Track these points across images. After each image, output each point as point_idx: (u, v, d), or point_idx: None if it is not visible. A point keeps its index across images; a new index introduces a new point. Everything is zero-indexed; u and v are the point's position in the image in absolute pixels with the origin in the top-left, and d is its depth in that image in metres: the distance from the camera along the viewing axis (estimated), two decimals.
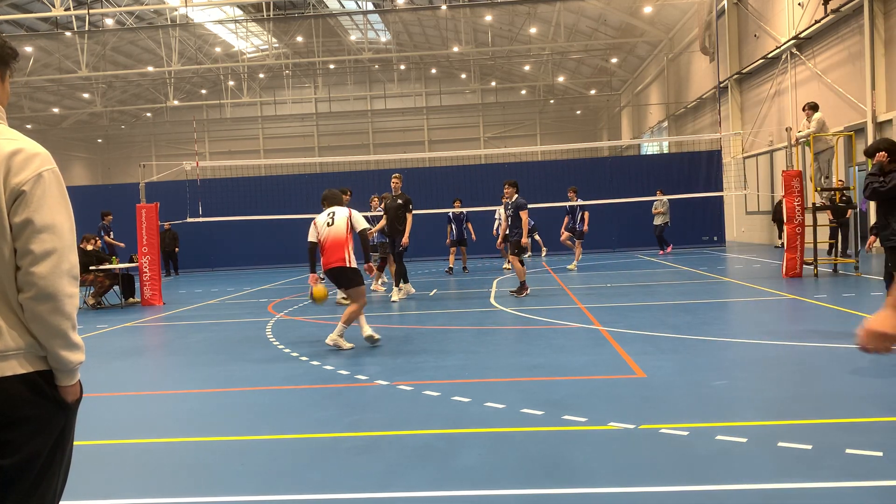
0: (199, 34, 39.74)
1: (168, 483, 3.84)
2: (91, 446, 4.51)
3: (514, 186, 11.77)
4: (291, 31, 40.56)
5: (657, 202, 20.02)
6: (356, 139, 49.47)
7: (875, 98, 16.38)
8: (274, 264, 23.02)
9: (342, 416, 4.88)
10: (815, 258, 12.49)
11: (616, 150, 42.83)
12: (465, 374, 6.04)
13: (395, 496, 3.45)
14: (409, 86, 49.22)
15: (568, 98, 47.62)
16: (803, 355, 6.18)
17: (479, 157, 30.43)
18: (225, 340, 8.40)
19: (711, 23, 26.05)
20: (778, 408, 4.64)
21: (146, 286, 13.11)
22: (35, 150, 1.97)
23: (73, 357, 1.98)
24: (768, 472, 3.49)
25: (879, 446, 3.77)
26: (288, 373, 6.46)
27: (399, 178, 12.23)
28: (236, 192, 22.42)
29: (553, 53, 39.99)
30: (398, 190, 12.12)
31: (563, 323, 8.52)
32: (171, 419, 5.18)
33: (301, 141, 50.19)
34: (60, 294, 1.93)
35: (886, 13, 16.11)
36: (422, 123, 50.33)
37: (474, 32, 38.85)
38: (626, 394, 5.09)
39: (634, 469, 3.63)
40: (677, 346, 6.77)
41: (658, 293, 11.27)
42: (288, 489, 3.60)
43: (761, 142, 23.32)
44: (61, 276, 1.93)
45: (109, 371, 7.01)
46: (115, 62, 39.65)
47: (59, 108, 44.95)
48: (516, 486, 3.48)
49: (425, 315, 10.09)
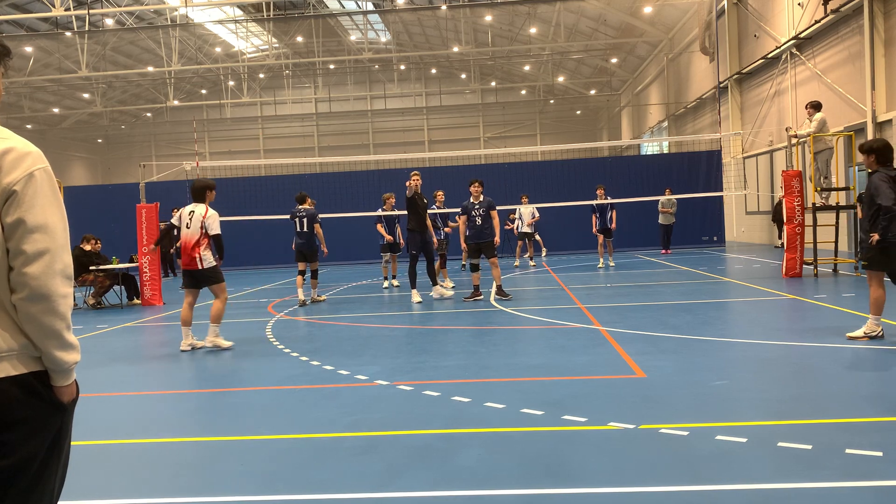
0: (199, 34, 39.74)
1: (168, 483, 3.84)
2: (91, 446, 4.51)
3: (481, 185, 11.42)
4: (291, 31, 40.56)
5: (665, 200, 20.00)
6: (356, 139, 49.47)
7: (875, 98, 16.38)
8: (274, 264, 23.03)
9: (342, 416, 4.88)
10: (815, 258, 12.49)
11: (616, 150, 42.83)
12: (465, 374, 6.04)
13: (395, 496, 3.45)
14: (409, 86, 49.22)
15: (568, 98, 47.62)
16: (803, 355, 6.18)
17: (479, 157, 30.44)
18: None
19: (711, 23, 26.05)
20: (778, 408, 4.64)
21: (146, 286, 13.12)
22: (26, 149, 1.94)
23: (68, 357, 1.97)
24: (768, 472, 3.49)
25: (879, 446, 3.77)
26: (288, 373, 6.46)
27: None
28: (236, 192, 22.43)
29: (553, 53, 40.00)
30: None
31: (563, 323, 8.52)
32: (171, 419, 5.18)
33: (301, 141, 50.18)
34: (54, 294, 1.91)
35: (886, 13, 16.11)
36: (422, 123, 50.33)
37: (474, 32, 38.85)
38: (625, 394, 5.09)
39: (634, 469, 3.63)
40: (677, 346, 6.77)
41: (658, 293, 11.27)
42: (288, 489, 3.60)
43: (761, 142, 23.32)
44: (54, 276, 1.91)
45: (110, 371, 7.02)
46: (115, 62, 39.65)
47: (59, 108, 44.94)
48: (516, 486, 3.48)
49: (425, 315, 10.09)
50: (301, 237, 12.14)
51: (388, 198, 14.23)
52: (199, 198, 8.02)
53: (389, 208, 14.16)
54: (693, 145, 26.57)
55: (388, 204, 14.17)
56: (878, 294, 6.68)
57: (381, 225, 14.00)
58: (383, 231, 13.93)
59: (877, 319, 6.65)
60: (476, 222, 11.26)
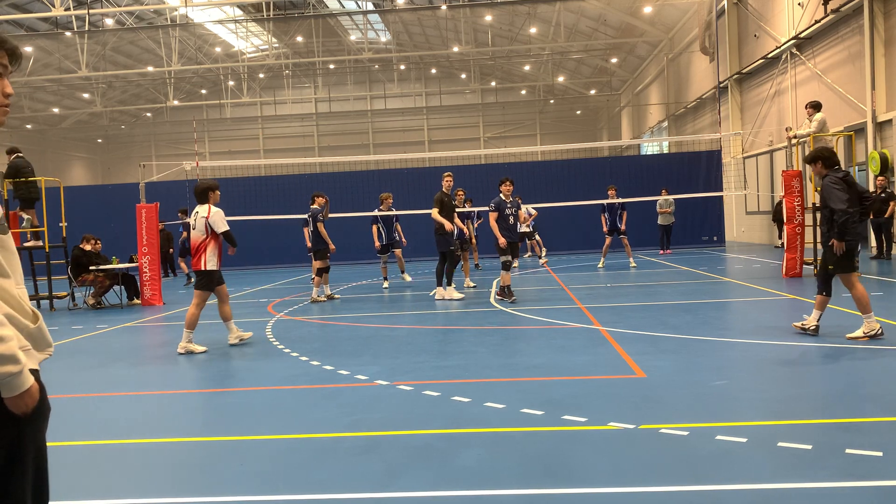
0: (199, 34, 39.74)
1: (168, 483, 3.84)
2: (91, 446, 4.51)
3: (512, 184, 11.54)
4: (291, 31, 40.57)
5: (662, 201, 19.99)
6: (356, 139, 49.48)
7: (875, 98, 16.38)
8: (274, 264, 23.04)
9: (342, 416, 4.88)
10: (815, 258, 12.47)
11: (616, 150, 42.83)
12: (465, 374, 6.04)
13: (395, 496, 3.44)
14: (409, 86, 49.23)
15: (568, 98, 47.62)
16: (803, 355, 6.18)
17: (479, 157, 30.44)
18: (224, 340, 8.39)
19: (711, 23, 26.05)
20: (778, 408, 4.64)
21: (146, 286, 13.11)
22: None
23: (2, 370, 1.84)
24: (768, 472, 3.49)
25: (879, 446, 3.77)
26: (288, 373, 6.45)
27: (450, 177, 12.18)
28: (236, 192, 22.42)
29: (553, 53, 40.00)
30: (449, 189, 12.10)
31: (563, 323, 8.52)
32: (171, 419, 5.18)
33: (301, 141, 50.20)
34: None
35: (886, 13, 16.11)
36: (422, 123, 50.33)
37: (474, 32, 38.85)
38: (625, 394, 5.09)
39: (634, 469, 3.63)
40: (677, 346, 6.77)
41: (658, 293, 11.27)
42: (288, 489, 3.60)
43: (761, 142, 23.32)
44: None
45: (109, 371, 7.02)
46: (115, 62, 39.65)
47: (59, 108, 44.94)
48: (516, 486, 3.48)
49: (425, 315, 10.09)
50: (311, 236, 12.97)
51: (385, 198, 14.28)
52: (203, 199, 8.11)
53: (387, 208, 14.20)
54: (693, 145, 26.57)
55: (386, 204, 14.23)
56: (860, 292, 6.71)
57: (378, 226, 14.06)
58: (376, 236, 14.03)
59: (869, 316, 6.66)
60: (509, 220, 11.33)
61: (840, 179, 6.68)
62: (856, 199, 6.72)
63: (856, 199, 6.72)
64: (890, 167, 16.05)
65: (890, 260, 14.87)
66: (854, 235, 6.64)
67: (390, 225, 14.18)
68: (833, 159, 6.88)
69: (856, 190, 6.80)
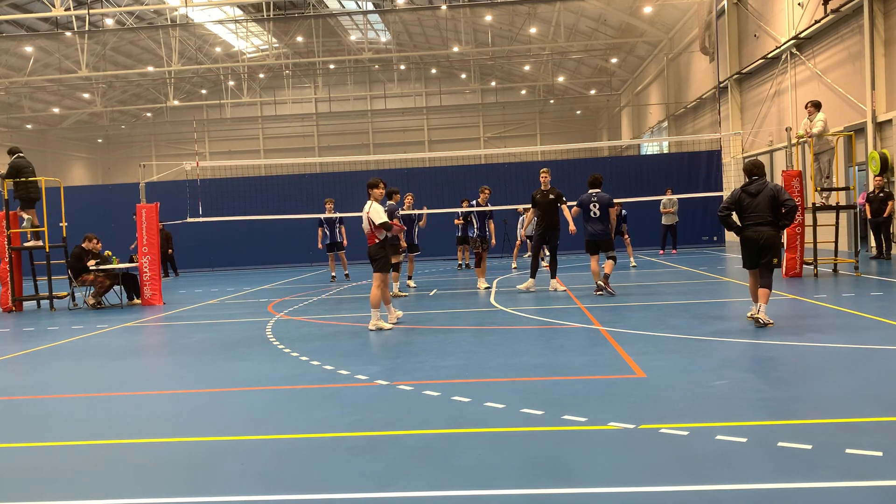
0: (199, 34, 39.75)
1: (168, 483, 3.84)
2: (91, 446, 4.51)
3: (602, 179, 12.09)
4: (291, 31, 40.57)
5: (666, 200, 19.97)
6: (356, 139, 49.50)
7: (875, 98, 16.39)
8: (274, 264, 23.03)
9: (342, 416, 4.88)
10: (815, 258, 12.49)
11: (616, 150, 42.85)
12: (465, 374, 6.04)
13: (395, 496, 3.45)
14: (409, 86, 49.23)
15: (568, 98, 47.62)
16: (803, 355, 6.18)
17: (479, 157, 30.45)
18: (225, 340, 8.40)
19: (711, 23, 26.06)
20: (778, 408, 4.64)
21: (146, 286, 13.11)
22: None
23: None
24: (768, 472, 3.49)
25: (879, 446, 3.77)
26: (288, 373, 6.45)
27: (548, 172, 12.38)
28: (236, 192, 22.42)
29: (553, 53, 40.00)
30: (548, 184, 12.21)
31: (563, 323, 8.52)
32: (171, 419, 5.18)
33: (301, 141, 50.22)
34: None
35: (886, 13, 16.11)
36: (422, 123, 50.35)
37: (474, 32, 38.85)
38: (625, 394, 5.09)
39: (634, 469, 3.63)
40: (677, 346, 6.77)
41: (658, 293, 11.27)
42: (288, 489, 3.60)
43: (761, 142, 23.32)
44: None
45: (109, 371, 7.02)
46: (115, 62, 39.66)
47: (59, 108, 44.94)
48: (516, 486, 3.48)
49: (425, 315, 10.09)
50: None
51: (403, 197, 14.43)
52: (369, 195, 8.93)
53: (408, 207, 14.33)
54: (693, 145, 26.57)
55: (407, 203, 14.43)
56: (751, 283, 8.02)
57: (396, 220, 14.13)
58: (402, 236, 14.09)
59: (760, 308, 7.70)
60: (591, 215, 11.44)
61: (742, 189, 7.84)
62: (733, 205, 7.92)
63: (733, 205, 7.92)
64: (890, 167, 16.05)
65: (889, 260, 14.87)
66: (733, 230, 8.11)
67: (410, 226, 14.21)
68: (752, 171, 7.87)
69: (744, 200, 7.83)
